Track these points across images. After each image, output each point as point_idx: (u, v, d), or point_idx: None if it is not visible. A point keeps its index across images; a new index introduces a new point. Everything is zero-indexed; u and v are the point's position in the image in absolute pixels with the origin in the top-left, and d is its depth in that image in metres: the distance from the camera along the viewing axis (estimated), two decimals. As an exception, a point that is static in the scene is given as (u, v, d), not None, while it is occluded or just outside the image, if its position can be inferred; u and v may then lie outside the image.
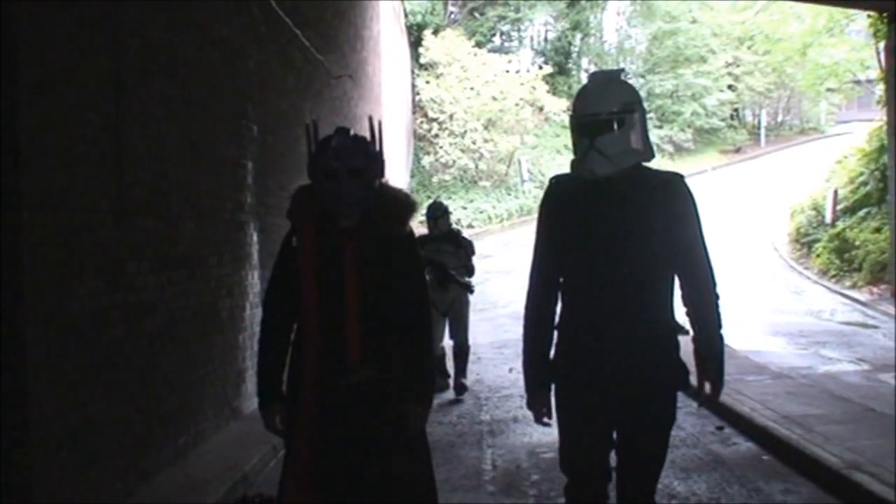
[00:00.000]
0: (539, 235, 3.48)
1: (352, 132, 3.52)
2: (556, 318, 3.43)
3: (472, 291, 8.87)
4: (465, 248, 8.92)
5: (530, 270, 3.48)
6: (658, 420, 3.33)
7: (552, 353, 3.44)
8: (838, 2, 15.93)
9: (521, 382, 3.50)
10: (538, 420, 3.43)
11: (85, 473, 4.52)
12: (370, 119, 3.61)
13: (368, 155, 3.47)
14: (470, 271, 8.91)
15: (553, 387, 3.40)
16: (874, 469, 5.28)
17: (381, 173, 3.54)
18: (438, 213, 8.90)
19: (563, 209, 3.37)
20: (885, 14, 15.54)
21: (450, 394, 8.78)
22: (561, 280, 3.42)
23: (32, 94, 4.03)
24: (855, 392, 8.51)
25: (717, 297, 3.33)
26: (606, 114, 3.24)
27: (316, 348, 3.39)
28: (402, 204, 3.58)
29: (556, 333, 3.43)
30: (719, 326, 3.32)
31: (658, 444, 3.38)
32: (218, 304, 6.74)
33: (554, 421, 3.39)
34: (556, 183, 3.49)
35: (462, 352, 8.94)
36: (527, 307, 3.47)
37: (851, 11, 20.71)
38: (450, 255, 8.70)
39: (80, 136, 4.52)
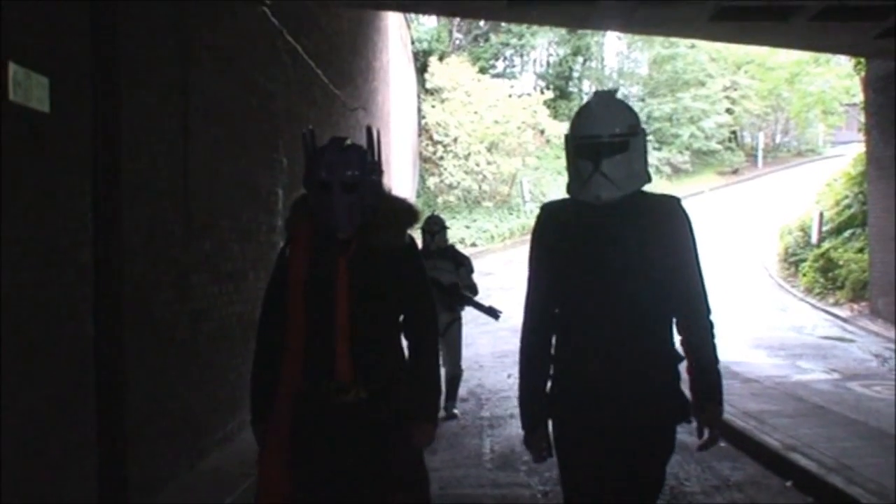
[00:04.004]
0: (533, 266, 3.33)
1: (348, 141, 3.40)
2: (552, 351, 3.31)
3: (496, 317, 8.40)
4: (465, 267, 8.51)
5: (525, 303, 3.33)
6: (659, 453, 3.21)
7: (550, 389, 3.29)
8: (813, 47, 16.93)
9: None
10: (537, 459, 3.32)
11: (161, 447, 5.62)
12: (368, 129, 3.50)
13: (364, 166, 3.31)
14: (473, 290, 8.50)
15: (550, 422, 3.29)
16: (807, 450, 6.40)
17: (379, 185, 3.41)
18: (436, 228, 8.53)
19: (558, 237, 3.23)
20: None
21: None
22: (558, 311, 3.27)
23: (129, 149, 5.13)
24: (820, 397, 9.51)
25: (711, 325, 3.21)
26: (612, 136, 3.11)
27: (297, 366, 3.27)
28: (400, 213, 3.43)
29: (553, 368, 3.29)
30: (715, 355, 3.22)
31: (656, 474, 3.24)
32: (255, 313, 7.78)
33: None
34: (549, 210, 3.35)
35: (454, 378, 8.55)
36: (523, 341, 3.32)
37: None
38: (449, 273, 8.30)
39: (160, 177, 5.64)
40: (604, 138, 3.10)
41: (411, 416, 3.34)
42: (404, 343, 3.50)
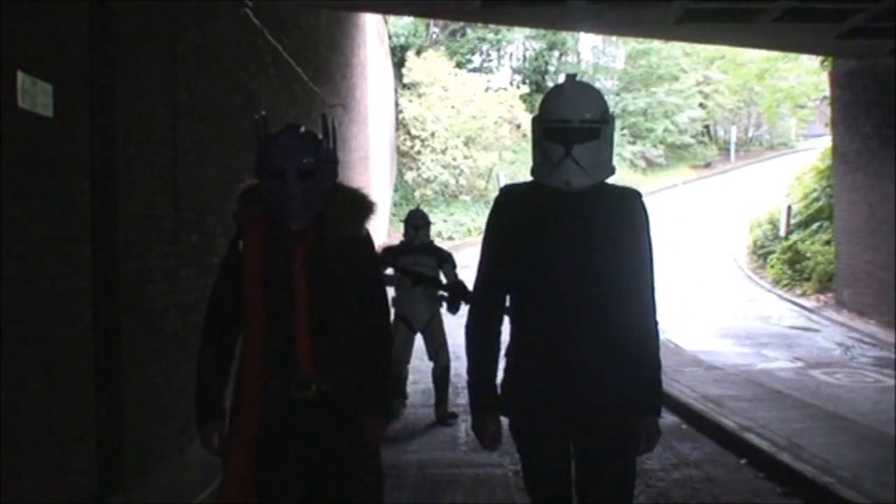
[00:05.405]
0: (487, 250, 3.22)
1: (302, 128, 3.29)
2: (505, 343, 3.24)
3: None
4: (449, 263, 8.27)
5: (474, 287, 3.27)
6: (625, 448, 3.13)
7: (503, 380, 3.22)
8: (777, 46, 17.35)
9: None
10: (486, 446, 3.24)
11: (156, 430, 5.96)
12: (323, 116, 3.41)
13: (319, 154, 3.23)
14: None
15: (508, 417, 3.22)
16: (761, 431, 6.83)
17: (334, 173, 3.33)
18: (420, 223, 8.45)
19: (518, 222, 3.12)
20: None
21: (427, 380, 8.74)
22: (510, 300, 3.20)
23: (123, 149, 5.45)
24: (782, 384, 9.96)
25: (657, 326, 3.19)
26: (583, 122, 3.03)
27: (261, 362, 3.17)
28: (357, 204, 3.35)
29: (506, 360, 3.23)
30: (658, 361, 3.19)
31: (627, 472, 3.17)
32: (240, 306, 8.15)
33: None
34: (509, 193, 3.24)
35: (444, 374, 8.40)
36: (472, 326, 3.22)
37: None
38: (431, 268, 8.17)
39: (152, 175, 5.95)
40: (574, 123, 3.02)
41: (364, 408, 3.28)
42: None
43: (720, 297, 18.93)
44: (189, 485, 5.81)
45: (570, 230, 3.06)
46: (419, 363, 9.26)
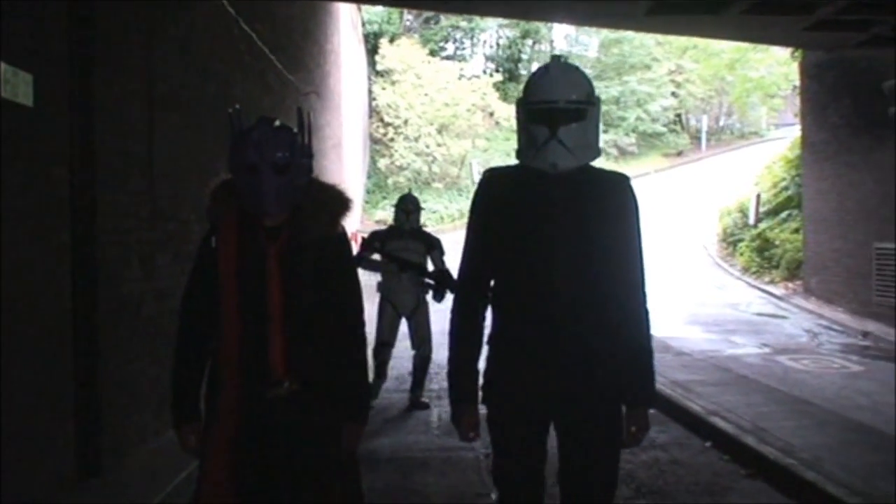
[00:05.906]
0: (471, 236, 3.16)
1: (277, 122, 3.21)
2: (487, 329, 3.17)
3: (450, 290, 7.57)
4: (438, 249, 8.26)
5: (459, 274, 3.20)
6: (611, 438, 3.05)
7: (484, 368, 3.16)
8: (746, 38, 17.56)
9: None
10: (464, 438, 3.17)
11: (132, 415, 6.04)
12: (298, 110, 3.36)
13: (294, 148, 3.15)
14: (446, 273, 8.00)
15: (487, 406, 3.14)
16: (727, 414, 7.01)
17: (310, 168, 3.27)
18: (412, 208, 8.45)
19: (503, 205, 3.07)
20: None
21: (406, 365, 8.74)
22: (494, 285, 3.14)
23: (102, 138, 5.52)
24: (749, 369, 10.13)
25: (647, 314, 3.10)
26: (568, 102, 2.97)
27: (237, 361, 3.13)
28: (333, 201, 3.29)
29: (488, 347, 3.15)
30: (649, 348, 3.12)
31: (610, 466, 3.08)
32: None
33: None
34: (494, 176, 3.20)
35: (424, 360, 8.37)
36: (456, 313, 3.17)
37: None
38: (419, 255, 8.17)
39: (128, 163, 6.02)
40: (559, 104, 2.97)
41: (340, 416, 3.25)
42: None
43: (690, 285, 19.12)
44: (165, 468, 5.89)
45: (557, 213, 3.00)
46: (394, 349, 9.35)
